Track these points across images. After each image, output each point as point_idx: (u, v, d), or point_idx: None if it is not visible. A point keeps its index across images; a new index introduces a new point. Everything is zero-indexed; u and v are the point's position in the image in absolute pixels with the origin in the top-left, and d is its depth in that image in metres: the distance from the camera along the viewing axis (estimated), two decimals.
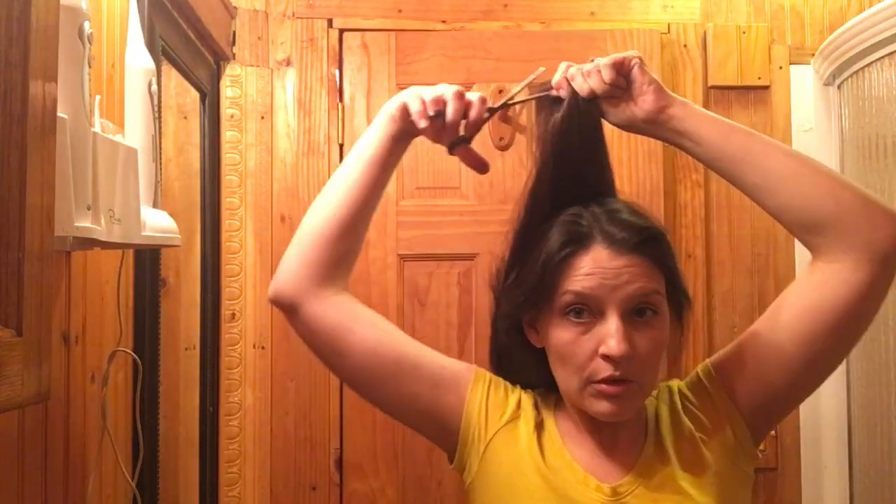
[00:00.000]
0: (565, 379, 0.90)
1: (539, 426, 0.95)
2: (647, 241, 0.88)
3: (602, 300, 0.86)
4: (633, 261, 0.86)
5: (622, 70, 0.91)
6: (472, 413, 0.95)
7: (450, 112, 0.93)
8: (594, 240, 0.88)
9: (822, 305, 0.87)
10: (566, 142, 0.93)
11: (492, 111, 0.96)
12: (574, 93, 0.93)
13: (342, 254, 0.98)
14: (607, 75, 0.90)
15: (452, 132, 0.95)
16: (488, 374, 0.99)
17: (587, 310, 0.87)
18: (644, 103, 0.91)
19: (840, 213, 0.86)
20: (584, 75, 0.92)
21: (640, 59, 0.92)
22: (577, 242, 0.88)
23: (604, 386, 0.86)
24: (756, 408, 0.92)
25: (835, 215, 0.86)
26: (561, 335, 0.88)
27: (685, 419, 0.94)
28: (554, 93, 0.94)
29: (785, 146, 0.93)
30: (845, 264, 0.86)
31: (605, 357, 0.85)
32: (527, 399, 0.98)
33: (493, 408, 0.96)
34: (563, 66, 0.95)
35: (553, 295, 0.88)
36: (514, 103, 0.99)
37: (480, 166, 0.98)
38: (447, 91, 0.94)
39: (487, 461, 0.94)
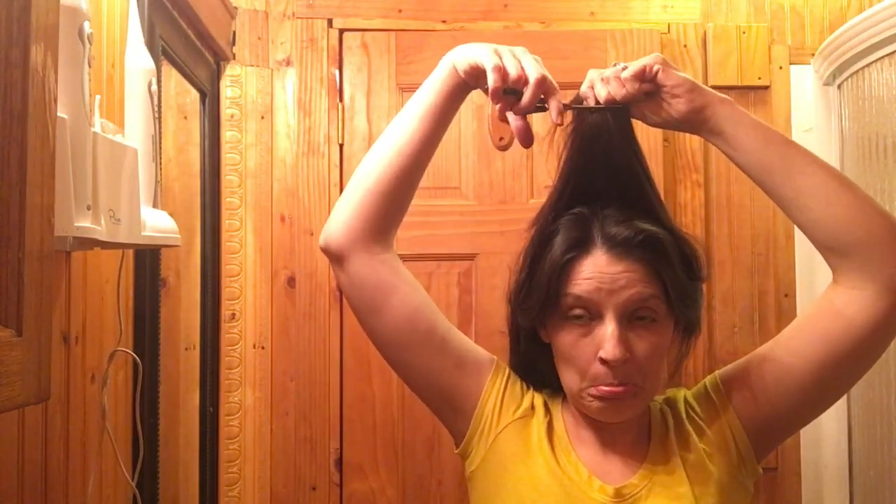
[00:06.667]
0: (568, 379, 0.91)
1: (549, 426, 0.95)
2: (645, 248, 0.87)
3: (600, 304, 0.86)
4: (631, 266, 0.86)
5: (645, 78, 0.88)
6: (487, 401, 0.96)
7: (526, 99, 0.87)
8: (595, 244, 0.88)
9: (835, 334, 0.86)
10: (591, 152, 0.91)
11: (565, 108, 0.90)
12: (598, 102, 0.90)
13: (395, 208, 0.96)
14: (630, 87, 0.88)
15: (516, 109, 0.89)
16: (508, 369, 1.00)
17: (587, 313, 0.88)
18: (677, 105, 0.88)
19: (868, 241, 0.83)
20: (604, 82, 0.89)
21: (662, 63, 0.88)
22: (579, 247, 0.88)
23: (602, 388, 0.87)
24: (760, 426, 0.92)
25: (863, 242, 0.84)
26: (564, 337, 0.89)
27: (690, 429, 0.94)
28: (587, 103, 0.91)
29: (825, 163, 0.88)
30: (865, 293, 0.84)
31: (603, 361, 0.86)
32: (539, 400, 0.98)
33: (508, 401, 0.97)
34: (589, 73, 0.92)
35: (557, 298, 0.89)
36: (583, 108, 0.91)
37: (528, 138, 0.91)
38: (531, 72, 0.87)
39: (495, 451, 0.95)
